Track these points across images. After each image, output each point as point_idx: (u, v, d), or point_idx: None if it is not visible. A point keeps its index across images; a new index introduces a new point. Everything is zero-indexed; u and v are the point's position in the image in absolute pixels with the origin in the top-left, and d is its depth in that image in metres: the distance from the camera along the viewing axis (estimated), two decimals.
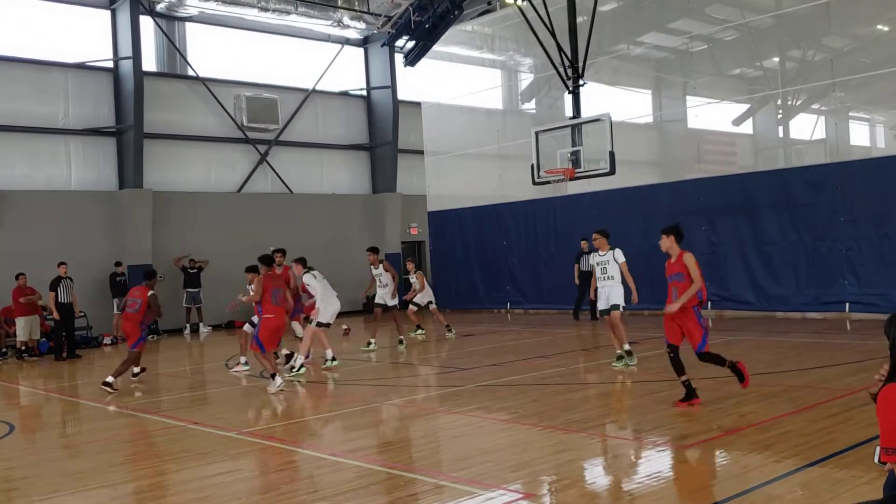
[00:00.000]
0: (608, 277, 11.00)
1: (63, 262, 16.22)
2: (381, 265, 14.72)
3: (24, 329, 16.15)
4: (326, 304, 12.13)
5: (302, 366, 11.84)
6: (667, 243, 8.87)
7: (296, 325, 13.49)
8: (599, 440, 6.93)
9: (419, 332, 16.32)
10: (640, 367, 11.10)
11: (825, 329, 14.23)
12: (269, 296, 10.03)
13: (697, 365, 8.51)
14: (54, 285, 15.88)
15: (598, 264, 11.19)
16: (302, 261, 12.59)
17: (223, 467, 6.82)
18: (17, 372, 14.80)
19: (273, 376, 10.01)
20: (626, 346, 10.98)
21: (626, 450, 6.53)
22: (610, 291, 10.95)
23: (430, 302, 16.29)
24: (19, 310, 16.09)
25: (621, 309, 10.90)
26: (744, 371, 8.09)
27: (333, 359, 12.35)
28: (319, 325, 12.10)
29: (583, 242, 18.23)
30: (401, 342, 14.70)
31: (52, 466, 7.12)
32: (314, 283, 12.19)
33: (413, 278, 16.23)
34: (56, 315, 16.03)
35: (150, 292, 11.26)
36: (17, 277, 16.20)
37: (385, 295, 14.71)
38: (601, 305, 11.12)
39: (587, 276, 17.44)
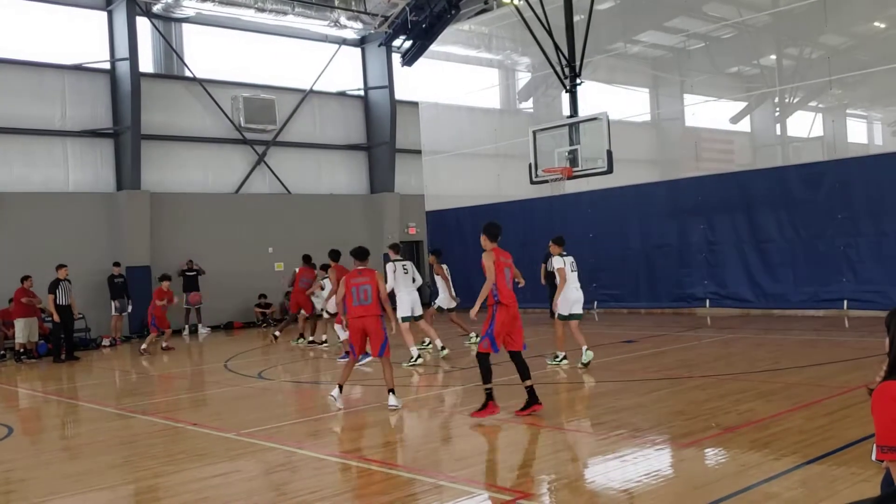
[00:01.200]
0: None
1: (63, 264, 16.22)
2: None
3: (23, 331, 16.14)
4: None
5: (419, 356, 12.18)
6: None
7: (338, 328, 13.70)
8: (598, 439, 6.93)
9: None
10: (638, 365, 11.11)
11: (823, 326, 14.25)
12: (350, 296, 8.77)
13: (698, 363, 8.49)
14: (53, 287, 15.88)
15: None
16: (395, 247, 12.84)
17: (222, 468, 6.81)
18: (15, 374, 14.79)
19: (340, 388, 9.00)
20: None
21: (625, 448, 6.54)
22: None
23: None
24: (18, 311, 16.08)
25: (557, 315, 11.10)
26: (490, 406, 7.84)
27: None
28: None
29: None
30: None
31: (50, 468, 7.11)
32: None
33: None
34: (55, 317, 16.04)
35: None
36: (23, 280, 16.26)
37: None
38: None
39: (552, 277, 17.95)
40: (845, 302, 15.53)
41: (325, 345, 15.76)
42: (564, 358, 11.21)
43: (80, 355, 16.53)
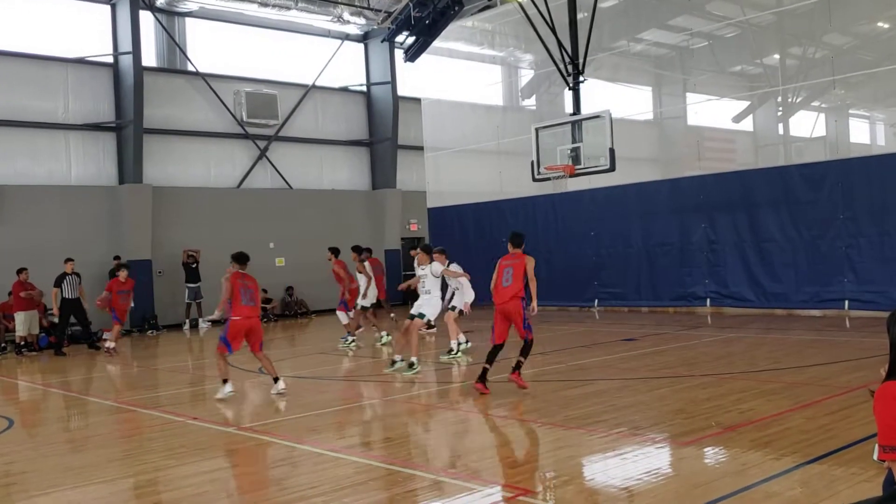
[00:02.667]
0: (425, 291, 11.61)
1: (70, 258, 16.35)
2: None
3: (24, 324, 16.15)
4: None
5: (458, 350, 12.37)
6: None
7: (340, 315, 14.66)
8: (598, 437, 6.93)
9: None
10: (639, 364, 11.11)
11: (824, 326, 14.24)
12: (239, 297, 9.46)
13: (698, 362, 8.47)
14: (58, 281, 15.95)
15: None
16: (441, 251, 12.50)
17: (222, 463, 6.82)
18: (16, 367, 14.81)
19: (224, 381, 9.62)
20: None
21: (625, 446, 6.54)
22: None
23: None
24: (19, 305, 16.09)
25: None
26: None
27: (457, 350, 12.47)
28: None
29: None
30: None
31: (51, 461, 7.12)
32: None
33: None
34: (55, 311, 16.08)
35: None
36: (18, 272, 16.23)
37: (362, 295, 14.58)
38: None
39: None
40: (846, 302, 15.52)
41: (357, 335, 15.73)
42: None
43: (80, 349, 16.55)
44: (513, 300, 9.12)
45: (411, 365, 10.91)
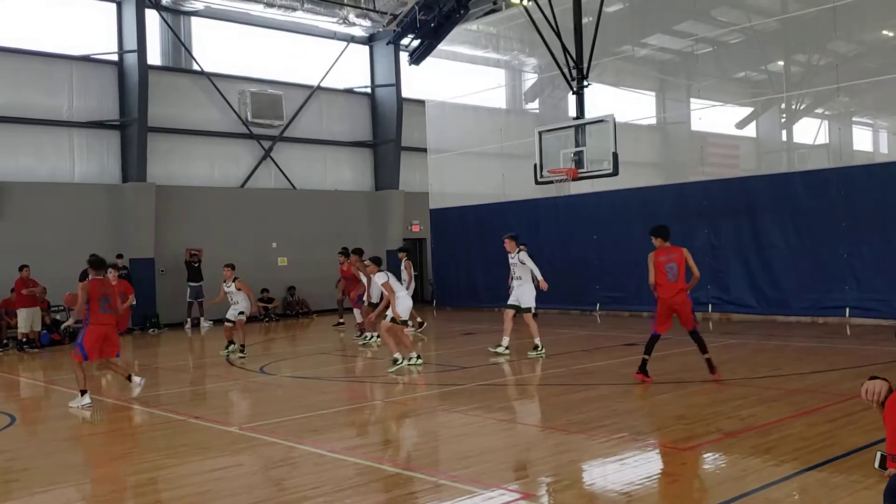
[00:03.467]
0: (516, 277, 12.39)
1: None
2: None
3: (26, 321, 16.18)
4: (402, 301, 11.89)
5: (507, 347, 12.50)
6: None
7: (357, 312, 15.37)
8: (599, 441, 6.94)
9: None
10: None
11: (826, 333, 14.23)
12: (97, 304, 9.38)
13: (699, 368, 8.48)
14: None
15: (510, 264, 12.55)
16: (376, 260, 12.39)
17: (223, 462, 6.84)
18: (17, 364, 14.83)
19: (82, 392, 9.36)
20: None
21: (626, 452, 6.55)
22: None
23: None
24: (21, 301, 16.13)
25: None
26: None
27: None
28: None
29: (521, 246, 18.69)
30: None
31: (52, 458, 7.14)
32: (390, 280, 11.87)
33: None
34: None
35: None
36: (20, 269, 16.29)
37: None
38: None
39: None
40: (848, 310, 15.51)
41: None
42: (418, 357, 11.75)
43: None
44: (680, 293, 9.43)
45: (535, 348, 12.17)
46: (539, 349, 12.34)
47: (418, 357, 11.65)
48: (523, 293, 12.38)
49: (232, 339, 14.05)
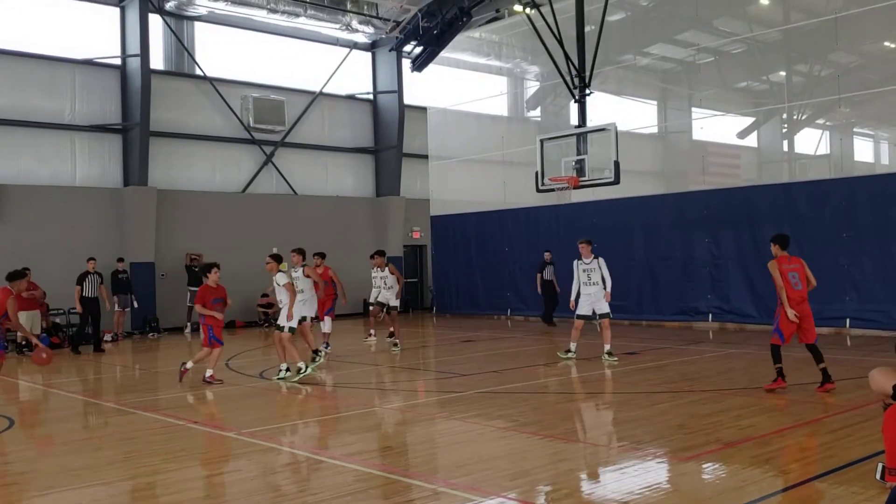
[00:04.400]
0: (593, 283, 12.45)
1: (92, 257, 16.65)
2: (386, 268, 15.11)
3: (26, 324, 16.15)
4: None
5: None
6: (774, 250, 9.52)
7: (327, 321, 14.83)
8: (599, 450, 6.92)
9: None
10: (640, 378, 11.10)
11: (825, 344, 14.09)
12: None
13: (699, 377, 8.47)
14: (81, 279, 16.18)
15: (584, 271, 12.54)
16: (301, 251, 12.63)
17: (222, 468, 6.82)
18: (16, 366, 14.81)
19: None
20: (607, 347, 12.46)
21: (626, 460, 6.53)
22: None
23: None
24: (21, 304, 16.09)
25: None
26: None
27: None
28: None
29: (546, 254, 18.62)
30: (395, 344, 14.82)
31: (50, 462, 7.12)
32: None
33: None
34: (79, 308, 16.28)
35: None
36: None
37: (390, 296, 15.00)
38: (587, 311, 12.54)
39: (547, 285, 18.80)
40: (848, 320, 15.51)
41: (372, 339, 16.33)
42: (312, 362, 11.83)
43: (81, 350, 16.57)
44: (805, 302, 9.24)
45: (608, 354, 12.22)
46: (611, 355, 12.42)
47: (314, 359, 11.91)
48: (599, 299, 12.46)
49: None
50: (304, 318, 11.95)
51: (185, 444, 7.67)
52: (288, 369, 11.48)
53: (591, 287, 12.48)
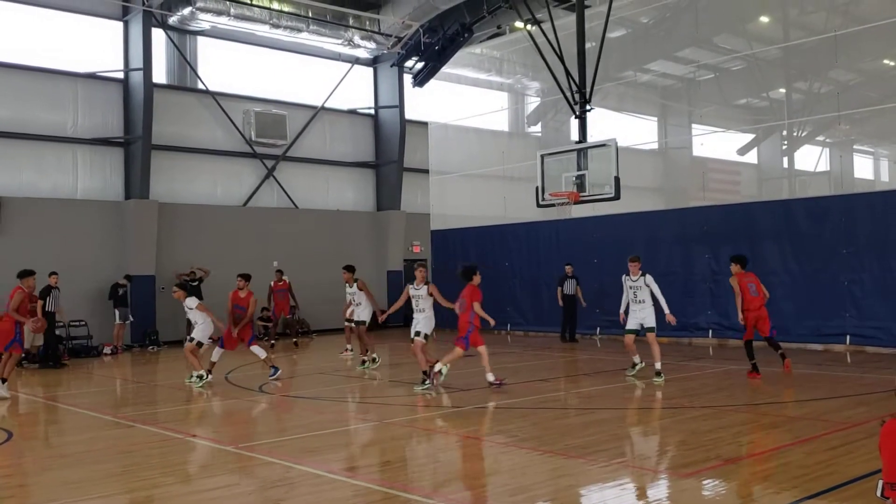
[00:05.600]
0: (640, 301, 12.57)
1: (55, 272, 16.26)
2: (355, 284, 14.97)
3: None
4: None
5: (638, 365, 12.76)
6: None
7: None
8: (598, 466, 6.91)
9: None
10: (640, 393, 11.08)
11: (825, 361, 14.20)
12: None
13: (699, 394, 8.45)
14: (45, 294, 15.89)
15: (630, 288, 12.78)
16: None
17: (220, 481, 6.81)
18: (15, 379, 14.78)
19: None
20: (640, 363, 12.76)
21: (625, 477, 6.51)
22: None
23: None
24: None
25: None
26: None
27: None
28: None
29: (567, 267, 18.56)
30: (364, 362, 14.54)
31: (48, 475, 7.11)
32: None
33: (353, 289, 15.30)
34: (43, 323, 16.11)
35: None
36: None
37: (359, 312, 14.85)
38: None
39: (568, 300, 18.60)
40: (848, 337, 15.49)
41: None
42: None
43: (81, 363, 16.55)
44: (762, 307, 11.84)
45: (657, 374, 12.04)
46: (660, 374, 12.01)
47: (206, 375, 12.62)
48: (648, 314, 12.43)
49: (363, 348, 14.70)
50: (418, 334, 12.29)
51: (184, 458, 7.65)
52: (200, 376, 12.57)
53: (637, 304, 12.47)
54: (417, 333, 12.06)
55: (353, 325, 15.27)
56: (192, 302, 12.82)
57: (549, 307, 20.73)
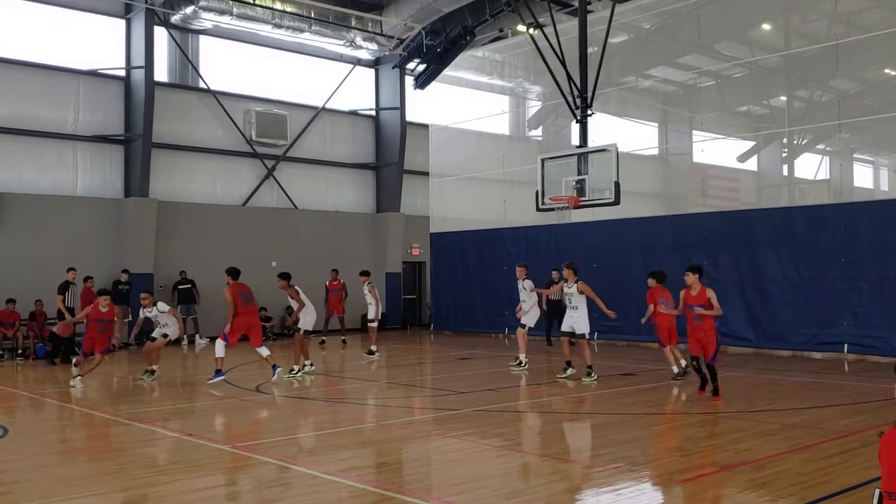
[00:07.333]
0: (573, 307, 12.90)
1: (72, 267, 16.63)
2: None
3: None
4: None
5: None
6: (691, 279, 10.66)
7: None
8: (594, 471, 6.90)
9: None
10: (636, 399, 11.07)
11: (823, 369, 14.20)
12: None
13: (696, 400, 8.45)
14: (63, 289, 16.07)
15: (565, 294, 13.08)
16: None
17: (215, 481, 6.79)
18: (13, 375, 14.78)
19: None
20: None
21: (621, 482, 6.51)
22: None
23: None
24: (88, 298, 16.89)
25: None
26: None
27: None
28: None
29: (554, 273, 18.55)
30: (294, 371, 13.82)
31: (43, 472, 7.09)
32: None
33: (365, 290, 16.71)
34: (68, 317, 16.15)
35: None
36: (85, 280, 17.08)
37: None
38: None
39: (555, 305, 18.44)
40: (846, 345, 15.49)
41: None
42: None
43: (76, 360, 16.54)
44: (703, 330, 10.78)
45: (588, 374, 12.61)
46: (592, 375, 12.68)
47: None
48: (579, 320, 12.89)
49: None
50: (575, 334, 12.86)
51: (179, 457, 7.63)
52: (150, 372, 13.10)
53: (571, 310, 13.02)
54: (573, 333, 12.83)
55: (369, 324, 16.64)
56: (162, 307, 13.67)
57: (545, 312, 20.71)
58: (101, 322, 12.55)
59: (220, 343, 12.53)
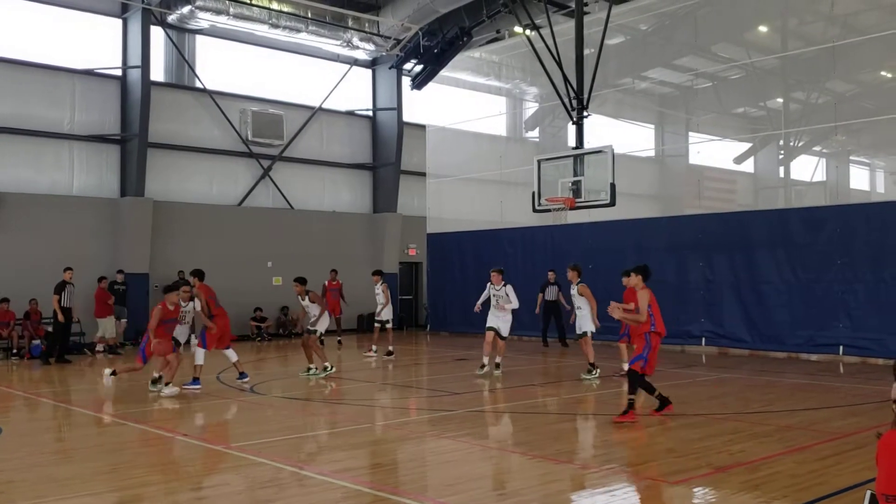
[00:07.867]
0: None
1: (69, 267, 16.65)
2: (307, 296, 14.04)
3: (108, 328, 17.99)
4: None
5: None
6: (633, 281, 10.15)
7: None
8: (588, 472, 6.90)
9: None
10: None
11: (818, 371, 14.22)
12: None
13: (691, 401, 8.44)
14: (59, 289, 16.07)
15: (493, 295, 13.89)
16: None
17: (209, 481, 6.78)
18: (8, 375, 14.74)
19: None
20: None
21: (615, 483, 6.51)
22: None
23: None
24: (102, 311, 17.84)
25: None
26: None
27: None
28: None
29: (550, 273, 18.57)
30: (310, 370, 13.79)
31: (38, 471, 7.08)
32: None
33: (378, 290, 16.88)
34: (61, 317, 16.14)
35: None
36: (99, 281, 17.94)
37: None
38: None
39: (551, 306, 18.73)
40: (841, 347, 15.51)
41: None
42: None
43: (73, 359, 16.51)
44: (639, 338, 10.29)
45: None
46: (593, 373, 13.21)
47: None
48: (504, 321, 13.81)
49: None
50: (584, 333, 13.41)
51: (173, 457, 7.62)
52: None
53: (497, 310, 13.96)
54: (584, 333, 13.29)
55: (381, 325, 16.81)
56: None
57: (542, 312, 20.72)
58: (169, 322, 11.82)
59: (199, 350, 12.29)
